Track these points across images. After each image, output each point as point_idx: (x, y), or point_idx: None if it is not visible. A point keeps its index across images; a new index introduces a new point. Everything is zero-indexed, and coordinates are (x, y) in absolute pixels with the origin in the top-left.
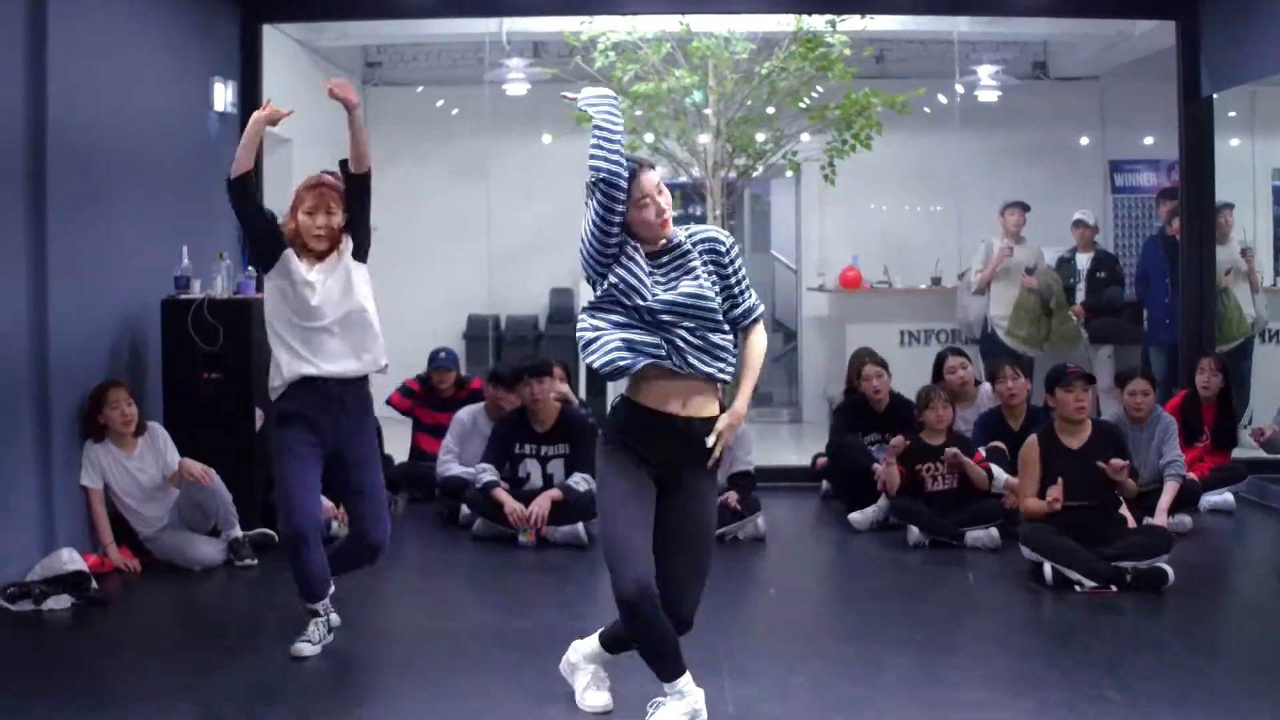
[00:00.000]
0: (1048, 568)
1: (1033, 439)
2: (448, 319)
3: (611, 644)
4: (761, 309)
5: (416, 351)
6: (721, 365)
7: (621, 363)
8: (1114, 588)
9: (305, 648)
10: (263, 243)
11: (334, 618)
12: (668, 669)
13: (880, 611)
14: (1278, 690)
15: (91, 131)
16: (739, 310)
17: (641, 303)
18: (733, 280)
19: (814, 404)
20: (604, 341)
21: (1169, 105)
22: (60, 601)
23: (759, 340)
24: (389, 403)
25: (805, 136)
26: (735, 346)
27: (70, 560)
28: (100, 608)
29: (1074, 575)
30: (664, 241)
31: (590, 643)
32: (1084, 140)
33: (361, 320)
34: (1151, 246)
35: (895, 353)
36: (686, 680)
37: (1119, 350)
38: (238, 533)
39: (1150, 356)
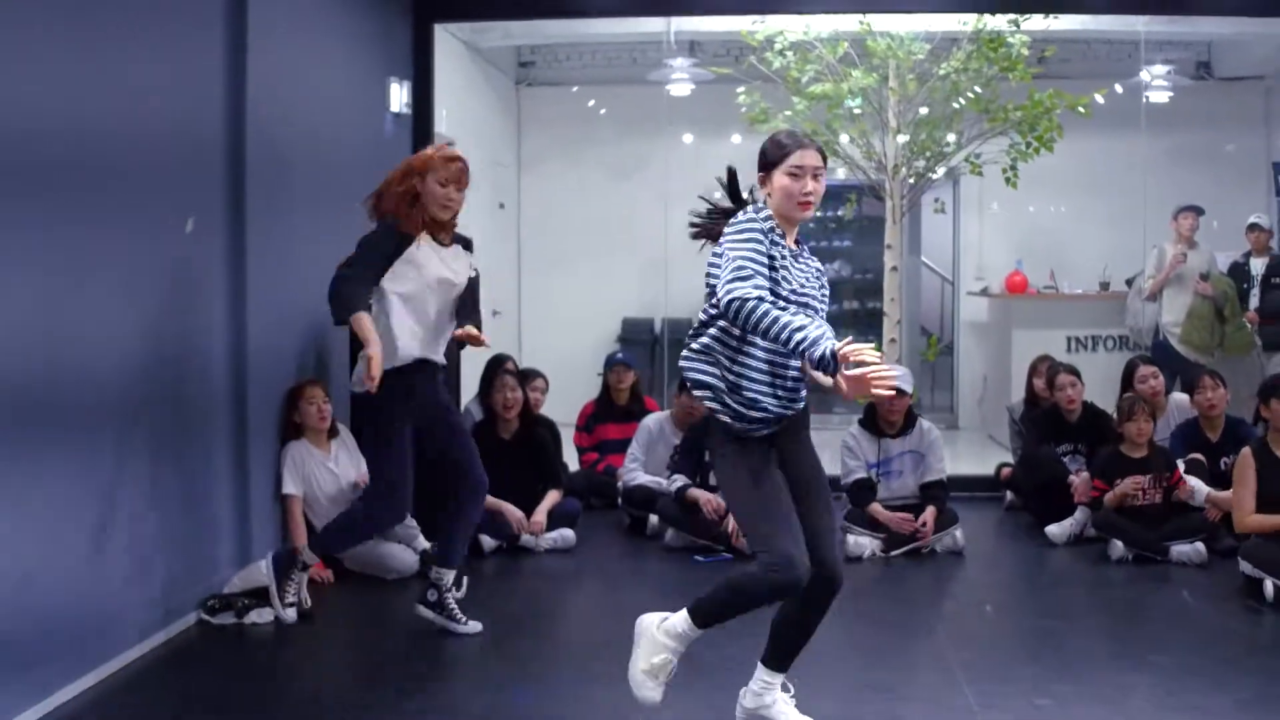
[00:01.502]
0: (1269, 584)
1: (1247, 451)
2: (602, 322)
3: (704, 618)
4: None
5: (570, 353)
6: None
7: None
8: None
9: (290, 614)
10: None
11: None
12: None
13: (1104, 631)
14: None
15: (286, 136)
16: None
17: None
18: None
19: (969, 410)
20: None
21: None
22: (263, 615)
23: None
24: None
25: (950, 137)
26: None
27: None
28: (304, 620)
29: None
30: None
31: (680, 620)
32: (1247, 142)
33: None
34: None
35: (1062, 359)
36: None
37: None
38: (425, 544)
39: None
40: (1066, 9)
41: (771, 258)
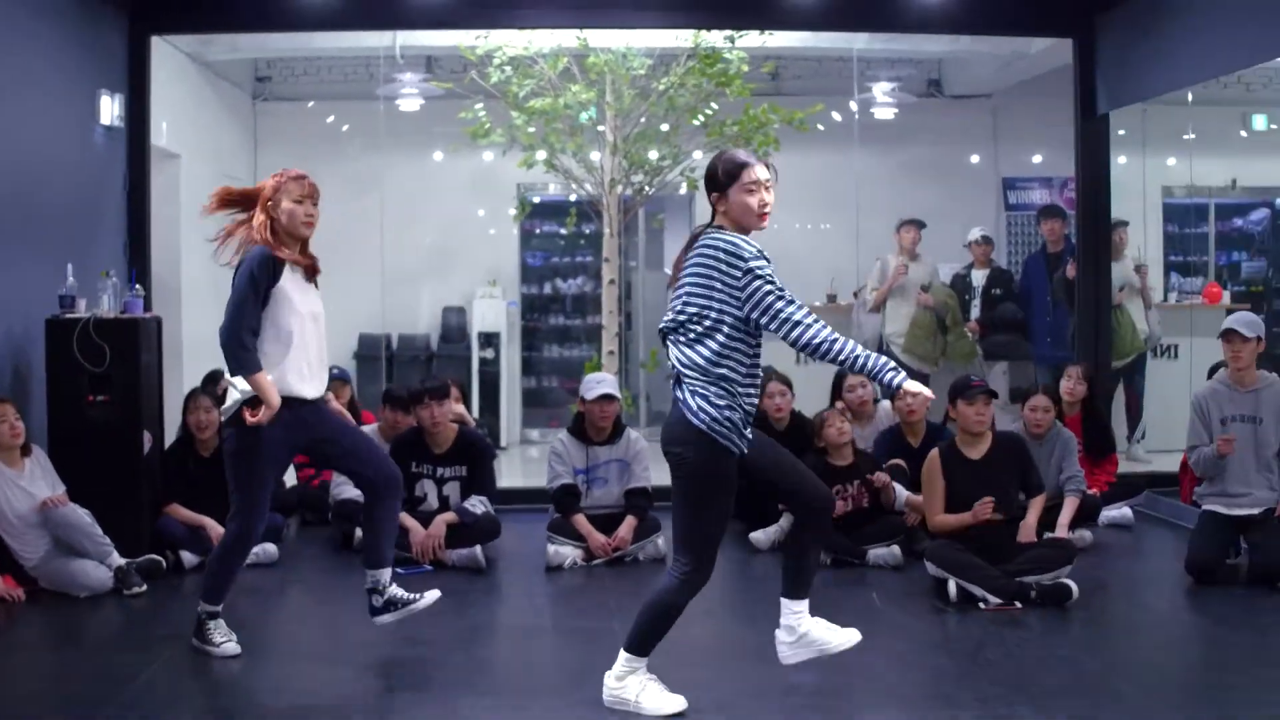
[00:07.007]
0: (952, 584)
1: (934, 453)
2: (338, 338)
3: (639, 647)
4: None
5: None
6: None
7: None
8: (1019, 604)
9: (231, 646)
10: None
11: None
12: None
13: None
14: (1189, 702)
15: None
16: None
17: None
18: None
19: None
20: None
21: (1060, 123)
22: None
23: None
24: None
25: (698, 154)
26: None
27: None
28: None
29: (979, 592)
30: None
31: (619, 664)
32: (977, 158)
33: None
34: (1033, 264)
35: (791, 371)
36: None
37: (1013, 366)
38: (120, 560)
39: (1036, 373)
40: (778, 25)
41: None
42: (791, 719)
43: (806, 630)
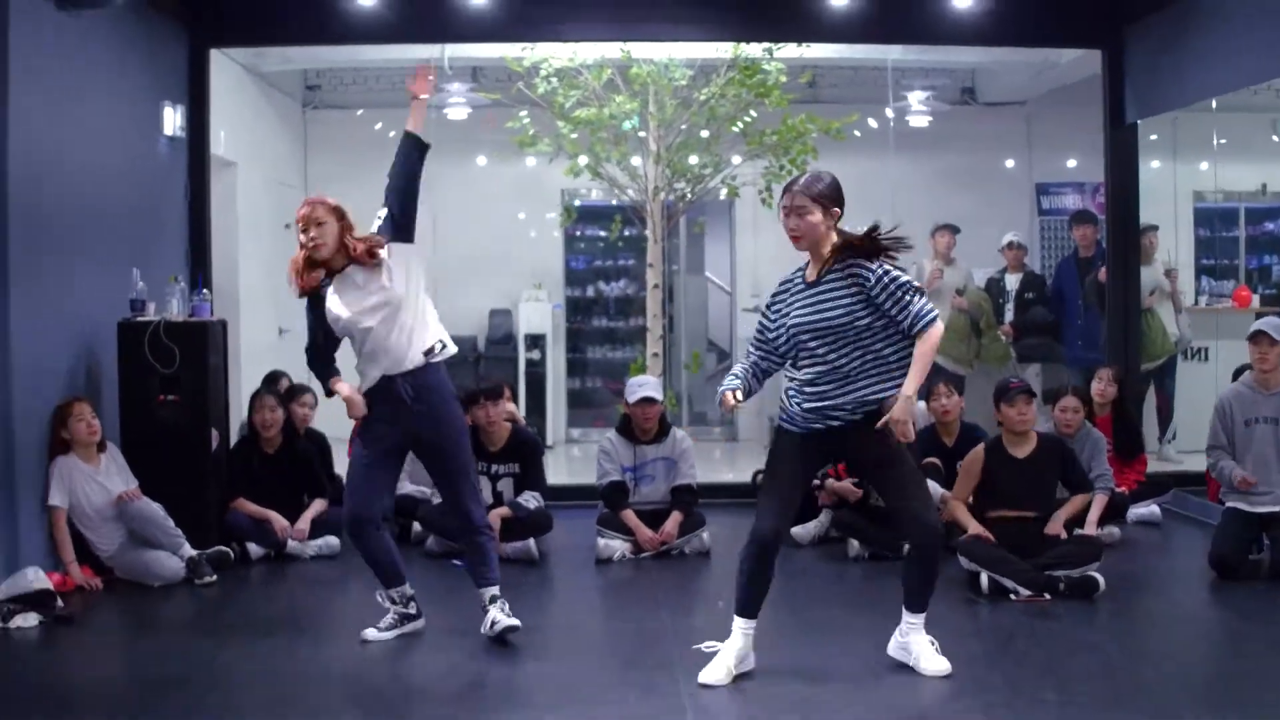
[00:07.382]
0: (984, 577)
1: (980, 448)
2: None
3: (740, 608)
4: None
5: (354, 375)
6: None
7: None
8: (1048, 596)
9: (371, 632)
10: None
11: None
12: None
13: (827, 622)
14: (1210, 692)
15: (48, 160)
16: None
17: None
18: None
19: (749, 422)
20: None
21: (1093, 130)
22: (27, 619)
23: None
24: None
25: (735, 159)
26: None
27: (36, 579)
28: (67, 625)
29: (1010, 584)
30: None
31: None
32: (1011, 164)
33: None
34: (1065, 268)
35: None
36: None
37: (1046, 368)
38: (191, 551)
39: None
40: (816, 38)
41: (776, 310)
42: (832, 697)
43: (912, 644)
